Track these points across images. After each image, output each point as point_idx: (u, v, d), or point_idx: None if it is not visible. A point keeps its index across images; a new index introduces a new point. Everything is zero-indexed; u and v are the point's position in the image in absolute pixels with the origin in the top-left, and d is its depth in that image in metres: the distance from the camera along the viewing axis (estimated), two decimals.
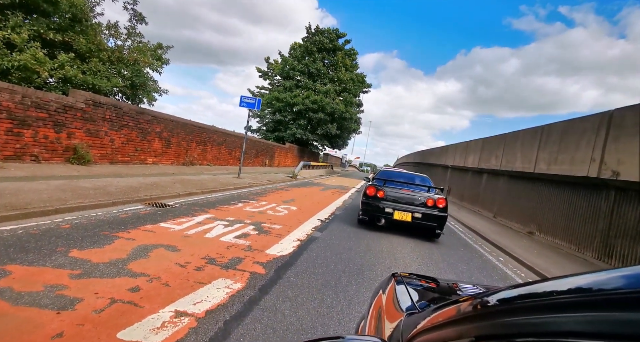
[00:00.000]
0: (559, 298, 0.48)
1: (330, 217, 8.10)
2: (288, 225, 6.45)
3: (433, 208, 6.96)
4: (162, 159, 11.84)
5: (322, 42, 32.02)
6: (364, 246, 5.76)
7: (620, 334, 0.37)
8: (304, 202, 10.13)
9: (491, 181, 13.35)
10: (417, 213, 6.90)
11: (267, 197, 9.90)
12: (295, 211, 8.30)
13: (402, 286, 1.48)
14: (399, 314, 1.16)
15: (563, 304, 0.46)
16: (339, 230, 6.75)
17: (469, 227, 9.83)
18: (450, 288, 1.71)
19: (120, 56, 9.59)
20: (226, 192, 9.63)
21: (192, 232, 4.85)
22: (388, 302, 1.39)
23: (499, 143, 12.34)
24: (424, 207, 6.97)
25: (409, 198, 7.10)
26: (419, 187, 7.68)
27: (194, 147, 13.86)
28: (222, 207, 7.26)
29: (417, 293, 1.41)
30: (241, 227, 5.61)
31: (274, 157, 24.95)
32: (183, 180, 9.74)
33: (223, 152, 16.57)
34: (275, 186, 13.69)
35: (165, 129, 11.64)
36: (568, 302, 0.46)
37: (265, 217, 6.90)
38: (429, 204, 6.98)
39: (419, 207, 6.97)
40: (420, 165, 33.21)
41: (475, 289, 1.59)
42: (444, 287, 1.77)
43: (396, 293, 1.40)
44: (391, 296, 1.42)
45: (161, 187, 7.89)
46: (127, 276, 3.02)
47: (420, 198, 7.06)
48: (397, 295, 1.38)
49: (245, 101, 13.41)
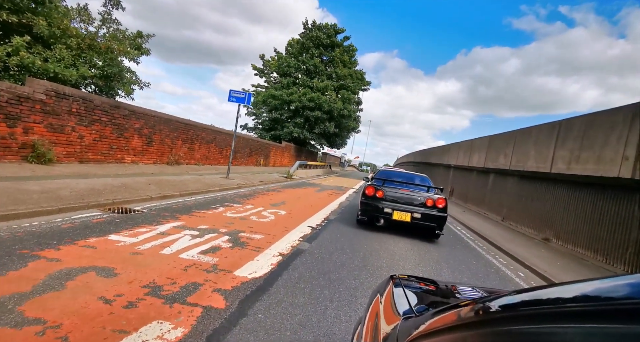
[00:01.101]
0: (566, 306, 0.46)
1: (323, 223, 7.17)
2: (272, 234, 5.52)
3: (432, 208, 6.82)
4: (143, 157, 10.89)
5: (319, 38, 31.02)
6: (359, 260, 4.83)
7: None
8: (296, 205, 9.19)
9: (499, 182, 12.43)
10: (416, 213, 6.76)
11: (255, 200, 8.97)
12: (284, 215, 7.37)
13: (399, 288, 1.45)
14: (395, 318, 1.13)
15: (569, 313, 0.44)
16: (332, 239, 5.81)
17: (477, 232, 8.91)
18: (450, 291, 1.61)
19: (91, 43, 8.61)
20: (209, 195, 8.69)
21: (147, 246, 3.92)
22: (385, 306, 1.34)
23: (508, 141, 11.41)
24: (423, 208, 6.84)
25: (408, 198, 6.97)
26: (418, 187, 7.53)
27: (180, 145, 12.91)
28: (198, 212, 6.33)
29: (415, 296, 1.37)
30: (213, 239, 4.67)
31: (269, 157, 24.00)
32: (161, 181, 8.80)
33: (213, 150, 15.62)
34: (267, 187, 12.76)
35: (145, 125, 10.70)
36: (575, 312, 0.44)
37: (247, 224, 5.97)
38: (429, 204, 6.84)
39: (418, 208, 6.84)
40: (420, 164, 32.29)
41: (474, 292, 1.50)
42: (443, 290, 1.68)
43: (393, 296, 1.37)
44: (389, 299, 1.38)
45: (131, 190, 6.95)
46: (10, 325, 2.08)
47: (420, 198, 6.93)
48: (395, 298, 1.34)
49: (234, 95, 12.48)
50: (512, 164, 10.83)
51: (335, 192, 14.19)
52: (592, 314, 0.41)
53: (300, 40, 31.81)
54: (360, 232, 6.75)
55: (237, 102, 12.52)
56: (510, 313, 0.56)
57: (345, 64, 32.57)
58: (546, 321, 0.45)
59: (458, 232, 9.10)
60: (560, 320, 0.44)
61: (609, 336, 0.37)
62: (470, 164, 15.69)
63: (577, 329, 0.41)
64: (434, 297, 1.56)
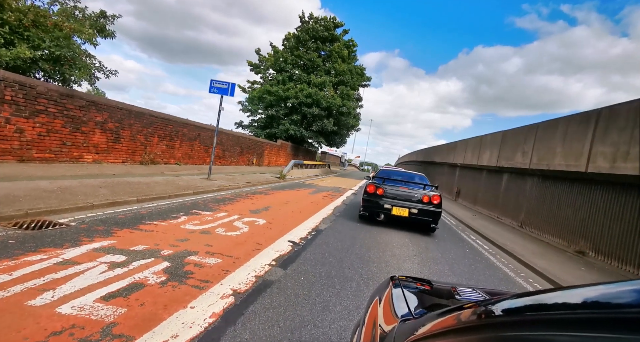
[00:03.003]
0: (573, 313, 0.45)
1: (310, 236, 5.76)
2: (235, 256, 4.12)
3: (428, 204, 7.22)
4: (109, 156, 9.50)
5: (316, 31, 29.56)
6: (351, 295, 3.42)
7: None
8: (281, 211, 7.78)
9: (515, 183, 11.00)
10: (413, 209, 7.16)
11: (233, 206, 7.57)
12: (262, 226, 5.97)
13: (399, 289, 1.42)
14: (393, 320, 1.12)
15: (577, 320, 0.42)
16: (316, 261, 4.41)
17: (494, 242, 7.49)
18: (449, 292, 1.52)
19: (37, 20, 7.23)
20: (177, 200, 7.30)
21: (12, 291, 2.51)
22: (384, 308, 1.32)
23: (527, 136, 9.98)
24: (420, 204, 7.23)
25: (407, 195, 7.38)
26: (416, 185, 7.83)
27: (156, 142, 11.51)
28: (147, 224, 4.93)
29: (414, 298, 1.35)
30: (140, 269, 3.27)
31: (262, 156, 22.59)
32: (119, 183, 7.40)
33: (197, 149, 14.22)
34: (254, 189, 11.36)
35: (110, 118, 9.29)
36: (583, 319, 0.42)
37: (206, 241, 4.57)
38: (425, 200, 7.24)
39: (415, 204, 7.23)
40: (424, 164, 30.85)
41: (475, 294, 1.44)
42: (443, 291, 1.61)
43: (392, 298, 1.35)
44: (387, 300, 1.36)
45: (68, 195, 5.56)
46: None
47: (417, 195, 7.34)
48: (393, 299, 1.33)
49: (216, 86, 11.09)
50: (532, 162, 9.40)
51: (331, 195, 12.78)
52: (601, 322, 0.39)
53: (297, 34, 30.36)
54: (355, 248, 5.34)
55: (219, 94, 11.14)
56: (513, 318, 0.53)
57: (345, 59, 31.11)
58: (552, 327, 0.43)
59: (473, 242, 7.68)
60: (567, 327, 0.41)
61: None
62: (480, 163, 14.26)
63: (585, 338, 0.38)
64: (434, 299, 1.49)
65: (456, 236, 8.25)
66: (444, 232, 8.42)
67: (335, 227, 6.88)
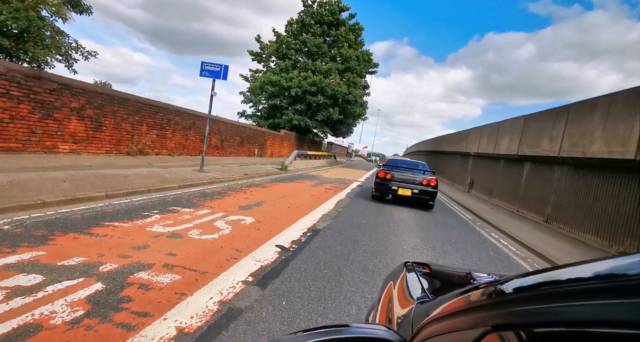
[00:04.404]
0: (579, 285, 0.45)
1: (304, 239, 4.81)
2: (201, 270, 3.19)
3: (427, 186, 8.95)
4: (89, 146, 8.63)
5: (321, 15, 28.17)
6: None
7: None
8: (275, 207, 6.85)
9: (540, 172, 9.86)
10: (415, 189, 8.88)
11: (221, 201, 6.66)
12: (247, 226, 5.04)
13: (413, 274, 1.43)
14: (409, 303, 1.12)
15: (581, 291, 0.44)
16: (306, 275, 3.45)
17: (521, 241, 6.45)
18: (464, 277, 1.49)
19: None
20: (157, 195, 6.42)
21: None
22: (399, 291, 1.33)
23: (556, 119, 8.80)
24: (420, 185, 8.96)
25: (410, 179, 9.11)
26: (417, 170, 9.65)
27: (145, 131, 10.62)
28: (103, 227, 4.03)
29: (428, 281, 1.34)
30: (53, 298, 2.35)
31: (265, 146, 21.64)
32: (91, 176, 6.53)
33: (192, 138, 13.31)
34: (250, 181, 10.45)
35: (89, 104, 8.39)
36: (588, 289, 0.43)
37: (171, 248, 3.65)
38: (424, 183, 8.98)
39: (416, 185, 8.96)
40: (433, 154, 29.60)
41: (490, 278, 1.40)
42: (457, 276, 1.59)
43: (407, 281, 1.35)
44: (402, 284, 1.36)
45: (17, 192, 4.69)
46: None
47: (418, 178, 9.07)
48: (408, 283, 1.33)
49: (207, 69, 10.09)
50: (563, 149, 8.26)
51: (335, 187, 11.80)
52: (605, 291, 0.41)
53: (300, 18, 28.98)
54: (357, 253, 4.37)
55: (210, 78, 10.16)
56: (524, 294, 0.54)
57: (351, 45, 29.70)
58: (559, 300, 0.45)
59: (496, 241, 6.65)
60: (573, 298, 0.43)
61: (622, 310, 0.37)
62: (498, 152, 13.09)
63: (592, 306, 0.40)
64: (448, 283, 1.50)
65: (475, 234, 7.23)
66: (462, 229, 7.41)
67: (336, 225, 5.91)
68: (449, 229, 7.15)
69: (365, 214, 7.44)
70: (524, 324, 0.49)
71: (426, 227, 7.00)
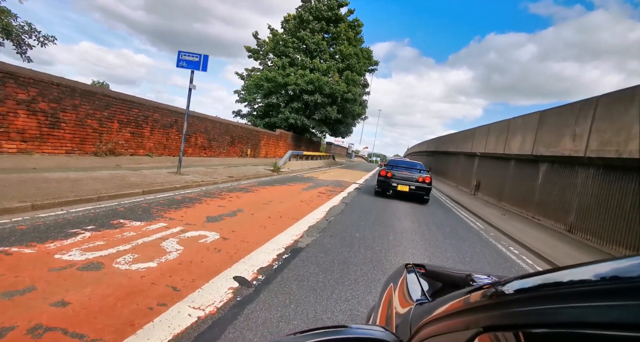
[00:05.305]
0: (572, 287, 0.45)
1: (276, 265, 3.68)
2: (89, 338, 2.07)
3: (423, 182, 10.41)
4: (44, 145, 7.53)
5: (319, 10, 27.06)
6: None
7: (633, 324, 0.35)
8: (253, 217, 5.73)
9: (559, 175, 8.73)
10: (412, 186, 10.37)
11: (188, 210, 5.55)
12: (206, 246, 3.92)
13: (413, 275, 1.42)
14: (409, 304, 1.12)
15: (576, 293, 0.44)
16: (264, 334, 2.33)
17: (548, 259, 5.33)
18: (464, 278, 1.48)
19: None
20: (108, 203, 5.32)
21: None
22: (399, 292, 1.32)
23: (580, 114, 7.68)
24: (416, 182, 10.44)
25: (408, 177, 10.64)
26: (415, 169, 11.28)
27: (116, 129, 9.50)
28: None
29: (428, 283, 1.34)
30: None
31: (259, 146, 20.52)
32: (23, 181, 5.43)
33: (174, 137, 12.20)
34: (235, 184, 9.34)
35: (42, 97, 7.28)
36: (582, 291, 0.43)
37: (67, 289, 2.54)
38: (420, 180, 10.46)
39: (413, 182, 10.45)
40: (435, 154, 28.47)
41: (489, 280, 1.39)
42: (458, 277, 1.58)
43: (407, 283, 1.34)
44: (402, 285, 1.35)
45: None
46: None
47: (415, 176, 10.60)
48: (408, 285, 1.32)
49: (185, 59, 9.00)
50: (590, 148, 7.14)
51: (329, 191, 10.68)
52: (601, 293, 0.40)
53: (297, 13, 27.88)
54: (344, 286, 3.25)
55: (188, 68, 9.05)
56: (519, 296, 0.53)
57: (351, 42, 28.58)
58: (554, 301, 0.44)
59: (517, 258, 5.52)
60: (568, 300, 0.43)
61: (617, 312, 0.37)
62: (507, 152, 11.97)
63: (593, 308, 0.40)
64: (448, 284, 1.48)
65: (491, 248, 6.11)
66: (474, 243, 6.28)
67: (323, 241, 4.79)
68: (459, 243, 6.03)
69: (361, 224, 6.33)
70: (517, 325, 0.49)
71: (433, 241, 5.88)
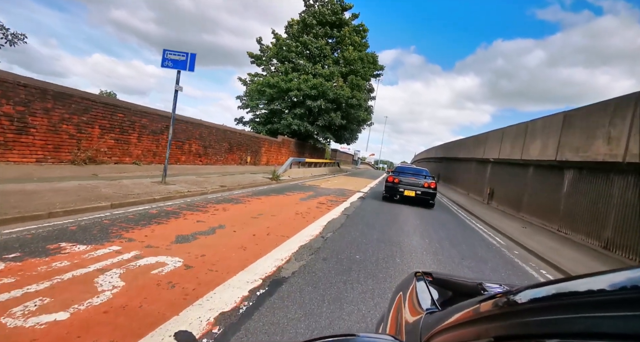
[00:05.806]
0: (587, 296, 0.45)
1: (243, 308, 2.76)
2: None
3: (428, 188, 11.03)
4: (9, 153, 6.77)
5: (323, 14, 26.50)
6: None
7: None
8: (234, 235, 4.83)
9: (590, 182, 7.70)
10: (418, 191, 10.95)
11: (157, 227, 4.69)
12: (157, 280, 3.03)
13: (422, 283, 1.39)
14: (418, 313, 1.10)
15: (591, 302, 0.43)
16: None
17: None
18: (475, 287, 1.43)
19: None
20: (62, 220, 4.51)
21: None
22: (408, 302, 1.29)
23: (615, 113, 6.69)
24: (422, 188, 11.03)
25: (414, 182, 11.24)
26: (421, 176, 11.88)
27: (97, 135, 8.75)
28: None
29: (438, 292, 1.31)
30: None
31: (259, 154, 19.73)
32: None
33: (165, 144, 11.43)
34: (226, 195, 8.49)
35: (6, 99, 6.52)
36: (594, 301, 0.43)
37: None
38: (425, 185, 11.08)
39: (419, 188, 11.04)
40: (444, 160, 27.40)
41: (501, 289, 1.33)
42: (468, 286, 1.55)
43: (417, 291, 1.32)
44: (412, 294, 1.33)
45: None
46: None
47: (420, 182, 11.22)
48: (418, 293, 1.29)
49: (170, 58, 8.27)
50: (630, 152, 6.13)
51: (330, 201, 9.75)
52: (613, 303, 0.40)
53: (301, 18, 27.34)
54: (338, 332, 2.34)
55: (174, 68, 8.31)
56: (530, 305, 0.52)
57: (355, 47, 27.90)
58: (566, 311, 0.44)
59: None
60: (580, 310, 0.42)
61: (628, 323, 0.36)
62: (526, 157, 10.94)
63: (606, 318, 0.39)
64: (459, 293, 1.48)
65: (518, 269, 5.12)
66: (498, 266, 5.28)
67: (314, 267, 3.87)
68: (480, 265, 5.05)
69: (363, 241, 5.39)
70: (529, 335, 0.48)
71: (448, 263, 4.92)
